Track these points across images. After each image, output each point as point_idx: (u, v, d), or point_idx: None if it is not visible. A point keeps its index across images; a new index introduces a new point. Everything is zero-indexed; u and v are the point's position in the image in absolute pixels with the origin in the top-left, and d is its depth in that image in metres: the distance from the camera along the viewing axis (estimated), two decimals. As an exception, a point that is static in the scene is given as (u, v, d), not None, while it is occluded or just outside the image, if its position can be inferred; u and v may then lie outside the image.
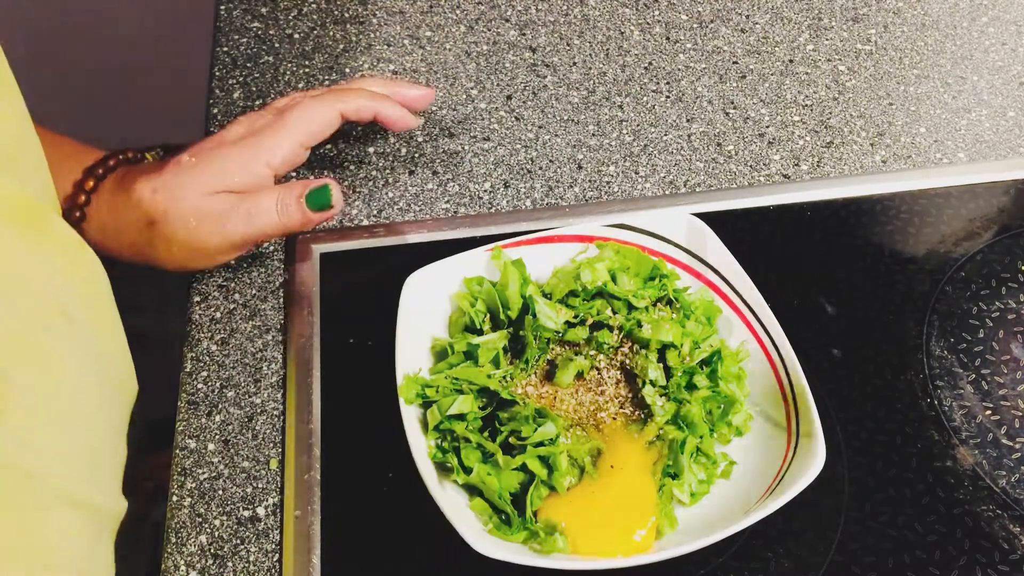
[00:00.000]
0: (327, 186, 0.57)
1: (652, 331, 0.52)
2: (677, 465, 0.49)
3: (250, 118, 0.59)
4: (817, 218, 0.64)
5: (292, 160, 0.58)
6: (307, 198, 0.56)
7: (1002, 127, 0.70)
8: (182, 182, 0.55)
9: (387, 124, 0.61)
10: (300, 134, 0.57)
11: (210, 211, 0.55)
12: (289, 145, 0.57)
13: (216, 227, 0.55)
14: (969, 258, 0.62)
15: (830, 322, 0.59)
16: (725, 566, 0.49)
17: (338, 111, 0.58)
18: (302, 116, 0.57)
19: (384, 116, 0.60)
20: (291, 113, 0.57)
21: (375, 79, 0.63)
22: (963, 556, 0.50)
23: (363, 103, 0.59)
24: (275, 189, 0.57)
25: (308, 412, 0.54)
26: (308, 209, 0.56)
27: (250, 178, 0.56)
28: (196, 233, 0.55)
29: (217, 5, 0.78)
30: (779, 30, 0.78)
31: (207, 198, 0.55)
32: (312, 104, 0.58)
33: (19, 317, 0.42)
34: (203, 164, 0.55)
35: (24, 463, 0.41)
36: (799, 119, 0.71)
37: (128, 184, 0.56)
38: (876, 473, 0.52)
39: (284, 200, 0.56)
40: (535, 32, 0.77)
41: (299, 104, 0.58)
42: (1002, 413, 0.55)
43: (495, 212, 0.64)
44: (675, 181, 0.67)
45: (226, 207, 0.55)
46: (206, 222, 0.55)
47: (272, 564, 0.50)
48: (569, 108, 0.71)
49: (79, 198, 0.56)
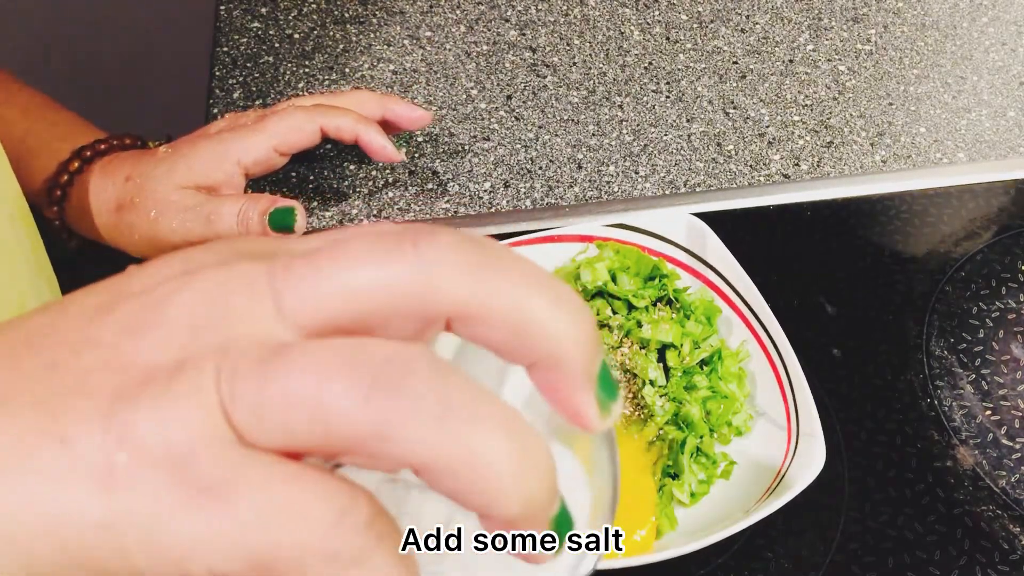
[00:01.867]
0: (293, 208, 0.55)
1: (652, 331, 0.52)
2: (677, 465, 0.49)
3: (236, 116, 0.59)
4: (817, 218, 0.64)
5: (264, 163, 0.57)
6: (271, 216, 0.55)
7: (1002, 127, 0.70)
8: (153, 172, 0.55)
9: (368, 150, 0.59)
10: (275, 139, 0.56)
11: (172, 205, 0.55)
12: (263, 148, 0.56)
13: (176, 223, 0.55)
14: (969, 258, 0.62)
15: (830, 322, 0.59)
16: (725, 566, 0.49)
17: (319, 125, 0.57)
18: (282, 122, 0.57)
19: (366, 142, 0.58)
20: (272, 117, 0.57)
21: (368, 92, 0.62)
22: (963, 556, 0.50)
23: (346, 124, 0.58)
24: (240, 198, 0.56)
25: (308, 412, 0.54)
26: (269, 227, 0.55)
27: (219, 175, 0.56)
28: (155, 225, 0.55)
29: (217, 5, 0.78)
30: (779, 30, 0.78)
31: (174, 191, 0.55)
32: (294, 113, 0.57)
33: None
34: (176, 156, 0.56)
35: None
36: (799, 119, 0.71)
37: (110, 169, 0.56)
38: (876, 473, 0.52)
39: (247, 211, 0.55)
40: (535, 32, 0.77)
41: (283, 110, 0.58)
42: (1002, 413, 0.55)
43: (495, 212, 0.64)
44: (675, 181, 0.67)
45: (189, 204, 0.55)
46: (166, 216, 0.55)
47: (272, 564, 0.50)
48: (569, 108, 0.71)
49: (61, 177, 0.57)
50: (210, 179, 0.55)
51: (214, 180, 0.56)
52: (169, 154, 0.56)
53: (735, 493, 0.49)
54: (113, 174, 0.56)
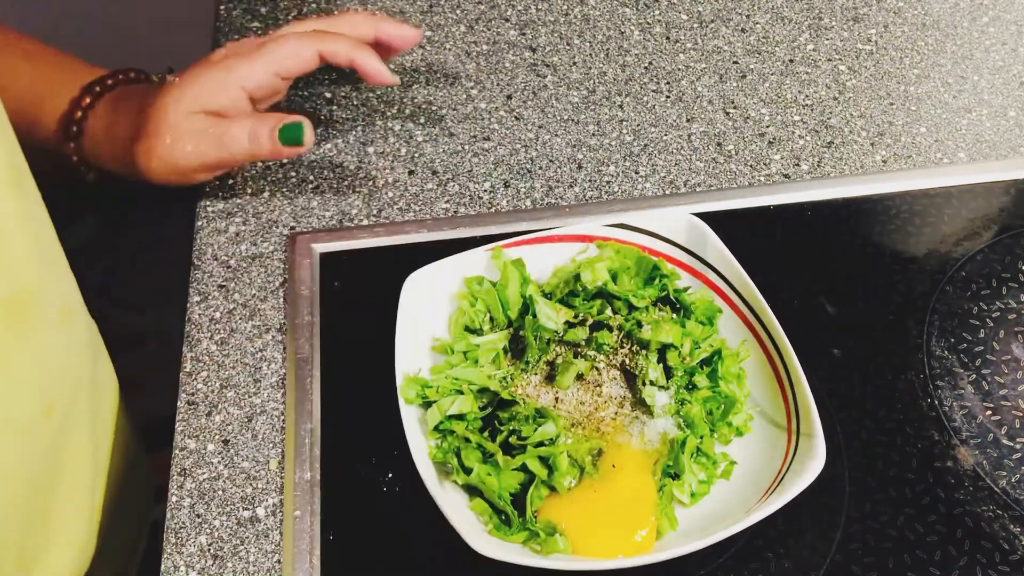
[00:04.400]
0: (300, 123, 0.59)
1: (652, 331, 0.52)
2: (677, 465, 0.49)
3: (237, 43, 0.62)
4: (817, 218, 0.64)
5: (268, 87, 0.60)
6: (280, 131, 0.58)
7: (1003, 127, 0.70)
8: (163, 102, 0.58)
9: (363, 75, 0.62)
10: (275, 64, 0.59)
11: (185, 131, 0.58)
12: (264, 72, 0.59)
13: (190, 147, 0.58)
14: (969, 258, 0.62)
15: (830, 322, 0.59)
16: (725, 566, 0.49)
17: (317, 50, 0.60)
18: (281, 48, 0.60)
19: (361, 65, 0.61)
20: (271, 44, 0.60)
21: (361, 14, 0.65)
22: (963, 556, 0.49)
23: (343, 48, 0.61)
24: (249, 117, 0.59)
25: (308, 412, 0.54)
26: (279, 142, 0.59)
27: (225, 100, 0.59)
28: (171, 151, 0.58)
29: (217, 5, 0.78)
30: (779, 30, 0.78)
31: (185, 117, 0.58)
32: (293, 39, 0.60)
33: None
34: (184, 84, 0.59)
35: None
36: (799, 119, 0.71)
37: (122, 103, 0.60)
38: (876, 473, 0.52)
39: (256, 130, 0.59)
40: (535, 32, 0.77)
41: (281, 37, 0.61)
42: (1002, 413, 0.55)
43: (495, 212, 0.64)
44: (675, 181, 0.67)
45: (200, 128, 0.58)
46: (180, 141, 0.58)
47: (272, 564, 0.50)
48: (569, 108, 0.71)
49: (75, 114, 0.60)
50: (217, 104, 0.59)
51: (220, 105, 0.59)
52: (176, 83, 0.59)
53: (735, 493, 0.49)
54: (126, 107, 0.59)
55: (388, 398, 0.50)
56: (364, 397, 0.54)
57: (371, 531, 0.51)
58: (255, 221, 0.64)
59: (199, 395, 0.56)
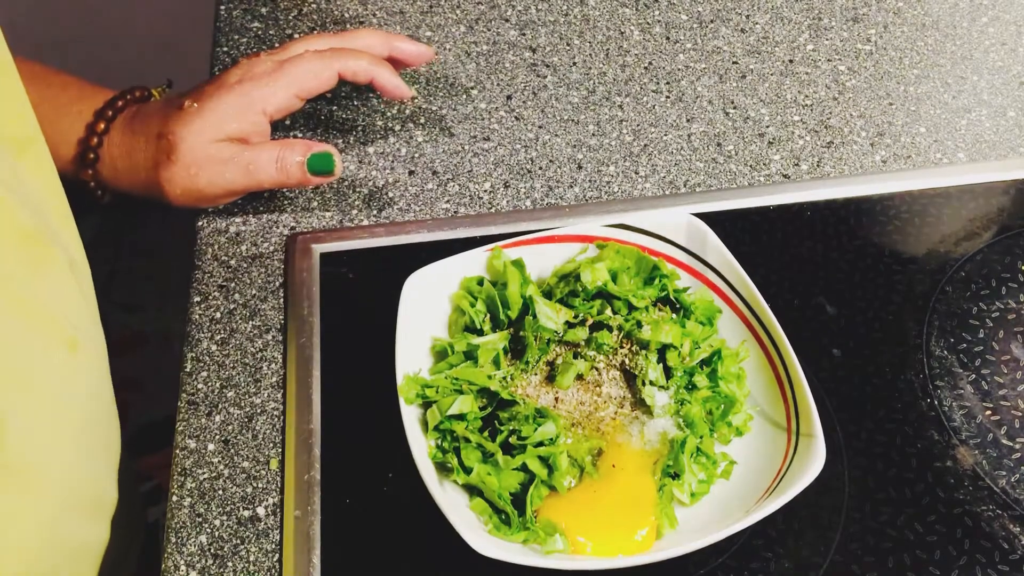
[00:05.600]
0: (330, 154, 0.59)
1: (652, 332, 0.52)
2: (677, 465, 0.49)
3: (251, 62, 0.61)
4: (817, 218, 0.64)
5: (287, 108, 0.60)
6: (309, 161, 0.59)
7: (1002, 127, 0.70)
8: (186, 131, 0.57)
9: (382, 91, 0.62)
10: (295, 86, 0.59)
11: (210, 159, 0.58)
12: (285, 95, 0.59)
13: (216, 176, 0.58)
14: (969, 258, 0.62)
15: (830, 322, 0.59)
16: (725, 566, 0.49)
17: (336, 70, 0.60)
18: (300, 68, 0.59)
19: (381, 83, 0.61)
20: (290, 65, 0.59)
21: (375, 32, 0.65)
22: (963, 556, 0.50)
23: (362, 66, 0.61)
24: (276, 145, 0.59)
25: (308, 412, 0.54)
26: (308, 173, 0.59)
27: (247, 125, 0.59)
28: (195, 180, 0.58)
29: (217, 5, 0.78)
30: (779, 30, 0.78)
31: (208, 146, 0.57)
32: (312, 59, 0.60)
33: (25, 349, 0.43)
34: (204, 110, 0.58)
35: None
36: (799, 119, 0.71)
37: (137, 126, 0.59)
38: (876, 473, 0.52)
39: (285, 158, 0.58)
40: (535, 32, 0.77)
41: (300, 57, 0.60)
42: (1002, 413, 0.55)
43: (495, 212, 0.64)
44: (675, 181, 0.67)
45: (226, 156, 0.58)
46: (205, 169, 0.58)
47: (272, 564, 0.50)
48: (569, 108, 0.71)
49: (91, 140, 0.59)
50: (239, 131, 0.58)
51: (242, 131, 0.59)
52: (197, 110, 0.58)
53: (735, 493, 0.49)
54: (143, 132, 0.59)
55: (388, 398, 0.50)
56: (364, 397, 0.54)
57: (371, 531, 0.51)
58: (255, 221, 0.64)
59: (199, 395, 0.56)
